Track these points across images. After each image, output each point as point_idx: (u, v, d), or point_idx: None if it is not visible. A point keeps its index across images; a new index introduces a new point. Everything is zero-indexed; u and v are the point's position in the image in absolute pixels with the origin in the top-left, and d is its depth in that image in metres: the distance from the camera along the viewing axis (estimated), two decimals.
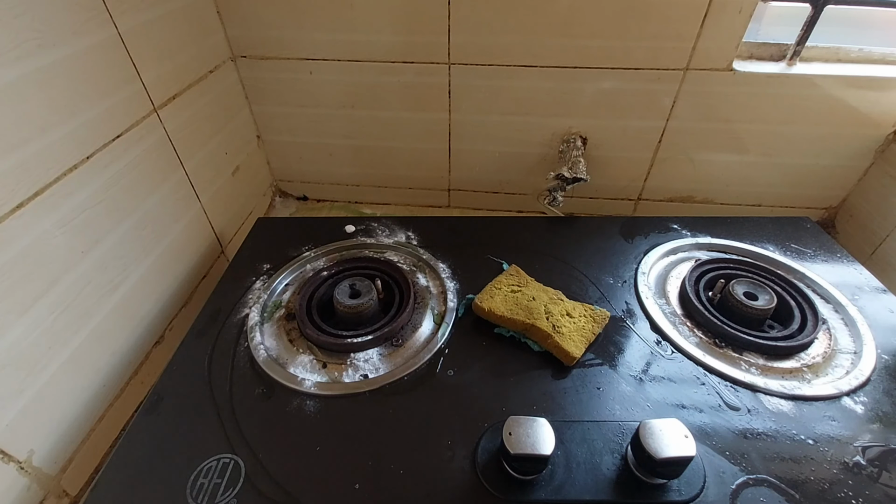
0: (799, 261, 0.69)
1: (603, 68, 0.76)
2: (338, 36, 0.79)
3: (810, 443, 0.47)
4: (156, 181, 0.65)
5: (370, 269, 0.67)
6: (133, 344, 0.63)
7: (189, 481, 0.44)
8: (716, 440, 0.47)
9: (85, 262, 0.54)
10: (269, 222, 0.80)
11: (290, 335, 0.59)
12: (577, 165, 0.80)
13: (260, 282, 0.67)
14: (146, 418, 0.50)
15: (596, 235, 0.75)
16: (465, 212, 0.99)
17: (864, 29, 0.77)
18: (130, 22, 0.58)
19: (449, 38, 0.76)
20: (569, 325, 0.56)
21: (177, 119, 0.68)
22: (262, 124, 0.93)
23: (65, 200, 0.51)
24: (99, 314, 0.57)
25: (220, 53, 0.80)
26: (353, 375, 0.54)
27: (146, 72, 0.61)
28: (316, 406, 0.51)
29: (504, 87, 0.81)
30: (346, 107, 0.87)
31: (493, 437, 0.47)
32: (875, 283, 0.65)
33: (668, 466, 0.41)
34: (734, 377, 0.53)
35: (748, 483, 0.44)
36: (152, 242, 0.65)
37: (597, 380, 0.53)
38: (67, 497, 0.53)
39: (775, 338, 0.57)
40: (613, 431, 0.47)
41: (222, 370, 0.55)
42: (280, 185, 1.03)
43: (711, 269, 0.67)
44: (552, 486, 0.43)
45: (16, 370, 0.47)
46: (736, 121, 0.79)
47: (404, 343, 0.58)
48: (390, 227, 0.76)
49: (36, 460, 0.49)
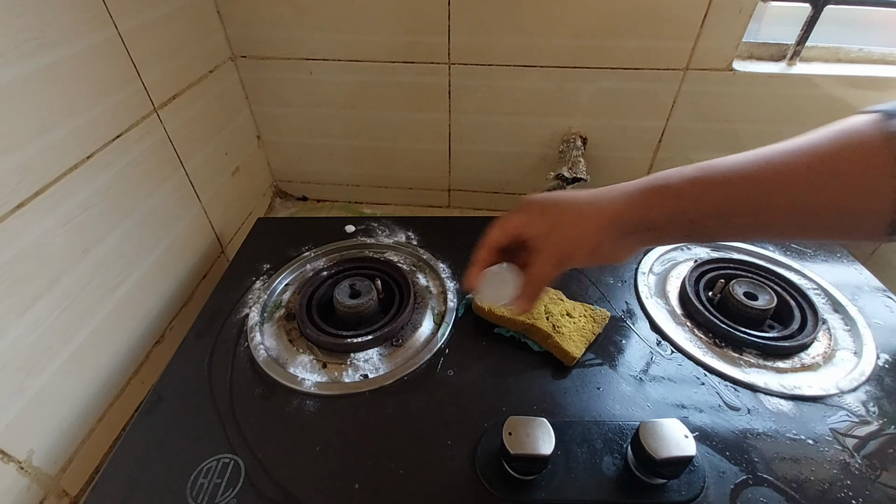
0: (799, 260, 0.69)
1: (603, 68, 0.76)
2: (338, 36, 0.79)
3: (810, 443, 0.47)
4: (156, 181, 0.65)
5: (370, 269, 0.67)
6: (133, 344, 0.63)
7: (189, 481, 0.44)
8: (716, 440, 0.47)
9: (85, 262, 0.54)
10: (269, 222, 0.80)
11: (290, 335, 0.59)
12: (577, 165, 0.80)
13: (260, 282, 0.67)
14: (146, 418, 0.50)
15: None
16: (465, 212, 0.99)
17: (864, 29, 0.77)
18: (131, 22, 0.58)
19: (449, 38, 0.76)
20: (569, 325, 0.56)
21: (177, 119, 0.68)
22: (263, 124, 0.93)
23: (65, 200, 0.51)
24: (99, 314, 0.57)
25: (221, 53, 0.80)
26: (353, 375, 0.54)
27: (146, 72, 0.61)
28: (316, 406, 0.51)
29: (504, 87, 0.81)
30: (346, 107, 0.87)
31: (493, 437, 0.47)
32: (875, 283, 0.65)
33: (668, 466, 0.41)
34: (734, 377, 0.53)
35: (748, 483, 0.44)
36: (152, 242, 0.65)
37: (597, 380, 0.53)
38: (67, 497, 0.53)
39: (775, 338, 0.57)
40: (613, 431, 0.47)
41: (222, 370, 0.55)
42: (280, 186, 1.03)
43: (711, 268, 0.66)
44: (552, 486, 0.43)
45: (16, 370, 0.47)
46: (736, 121, 0.79)
47: (404, 343, 0.58)
48: (390, 227, 0.76)
49: (36, 460, 0.49)
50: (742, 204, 0.35)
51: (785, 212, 0.34)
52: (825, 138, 0.33)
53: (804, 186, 0.33)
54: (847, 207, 0.32)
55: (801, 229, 0.35)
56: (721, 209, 0.35)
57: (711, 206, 0.35)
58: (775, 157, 0.34)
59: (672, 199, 0.36)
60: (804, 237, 0.36)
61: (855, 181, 0.31)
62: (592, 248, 0.39)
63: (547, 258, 0.40)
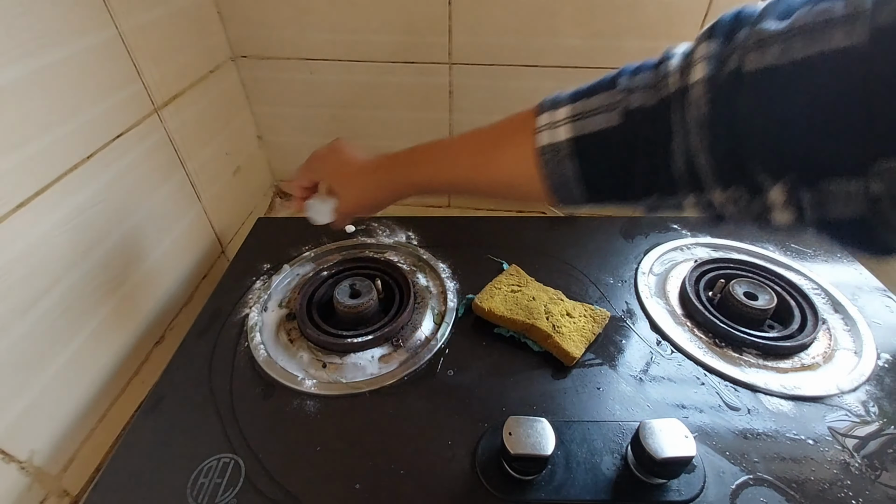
0: (799, 260, 0.69)
1: (603, 68, 0.75)
2: (338, 36, 0.79)
3: (810, 443, 0.47)
4: (156, 181, 0.65)
5: (370, 269, 0.67)
6: (133, 344, 0.63)
7: (189, 481, 0.44)
8: (716, 440, 0.47)
9: (86, 262, 0.54)
10: (269, 222, 0.80)
11: (291, 335, 0.59)
12: None
13: (260, 282, 0.67)
14: (146, 418, 0.50)
15: (596, 235, 0.75)
16: (465, 212, 0.99)
17: None
18: (131, 22, 0.58)
19: (450, 38, 0.76)
20: (569, 325, 0.56)
21: (178, 119, 0.68)
22: (263, 124, 0.93)
23: (66, 200, 0.51)
24: (99, 314, 0.57)
25: (221, 53, 0.80)
26: (353, 375, 0.54)
27: (147, 72, 0.61)
28: (316, 406, 0.51)
29: (505, 87, 0.81)
30: (347, 107, 0.87)
31: (493, 437, 0.47)
32: (875, 283, 0.65)
33: (668, 466, 0.41)
34: (734, 377, 0.53)
35: (748, 483, 0.44)
36: (153, 242, 0.65)
37: (597, 380, 0.53)
38: (68, 497, 0.53)
39: (775, 338, 0.57)
40: (613, 431, 0.47)
41: (222, 370, 0.55)
42: (281, 185, 1.03)
43: (711, 268, 0.67)
44: (552, 486, 0.43)
45: (16, 370, 0.47)
46: None
47: (404, 343, 0.58)
48: (390, 227, 0.76)
49: (37, 460, 0.50)
50: (450, 168, 0.45)
51: (472, 177, 0.43)
52: (508, 123, 0.42)
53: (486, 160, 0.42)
54: (510, 181, 0.41)
55: (483, 192, 0.44)
56: (437, 168, 0.47)
57: (432, 165, 0.47)
58: (478, 133, 0.44)
59: (405, 155, 0.49)
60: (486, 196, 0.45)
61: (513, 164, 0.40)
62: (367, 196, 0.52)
63: (344, 205, 0.52)
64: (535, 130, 0.38)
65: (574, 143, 0.35)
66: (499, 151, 0.41)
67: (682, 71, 0.31)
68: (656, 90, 0.32)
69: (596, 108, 0.35)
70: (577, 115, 0.36)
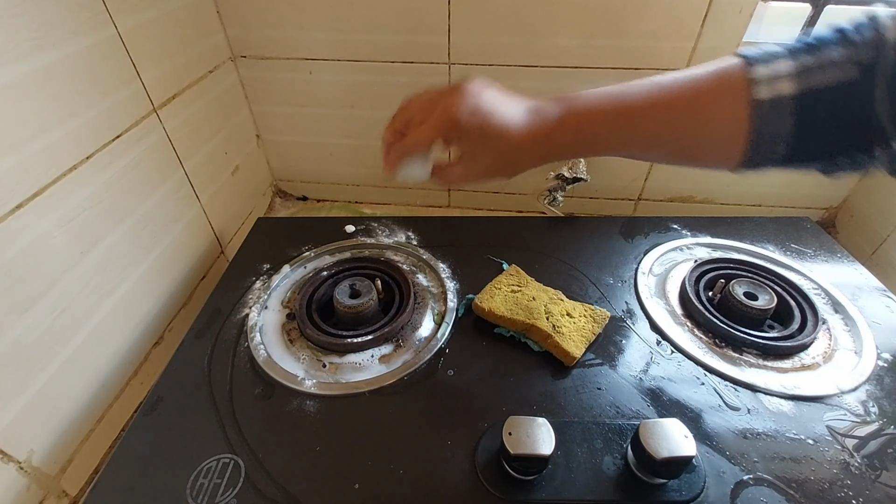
0: (799, 261, 0.69)
1: (603, 68, 0.76)
2: (338, 36, 0.79)
3: (810, 443, 0.47)
4: (155, 181, 0.65)
5: (370, 269, 0.67)
6: (133, 344, 0.63)
7: (189, 481, 0.44)
8: (716, 440, 0.47)
9: (85, 263, 0.54)
10: (269, 222, 0.80)
11: (290, 335, 0.59)
12: (577, 165, 0.79)
13: (260, 282, 0.66)
14: (146, 418, 0.50)
15: (596, 235, 0.75)
16: (465, 212, 0.99)
17: None
18: (130, 22, 0.58)
19: (449, 38, 0.76)
20: (569, 325, 0.56)
21: (176, 119, 0.68)
22: (262, 124, 0.93)
23: (64, 200, 0.51)
24: (98, 314, 0.57)
25: (220, 53, 0.80)
26: (352, 375, 0.54)
27: (146, 72, 0.61)
28: (316, 406, 0.51)
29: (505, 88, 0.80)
30: (346, 107, 0.87)
31: (493, 437, 0.47)
32: (875, 283, 0.65)
33: (668, 466, 0.41)
34: (734, 377, 0.53)
35: (748, 483, 0.44)
36: (152, 242, 0.65)
37: (597, 380, 0.53)
38: (67, 497, 0.53)
39: (775, 338, 0.57)
40: (613, 431, 0.47)
41: (222, 370, 0.55)
42: (280, 185, 1.03)
43: (711, 268, 0.67)
44: (552, 486, 0.43)
45: (16, 370, 0.47)
46: None
47: (404, 343, 0.58)
48: (390, 227, 0.76)
49: (36, 460, 0.49)
50: (639, 133, 0.40)
51: (667, 139, 0.40)
52: (703, 77, 0.38)
53: (683, 117, 0.39)
54: (708, 140, 0.38)
55: (672, 154, 0.41)
56: (622, 136, 0.41)
57: (615, 133, 0.41)
58: (665, 89, 0.39)
59: (587, 126, 0.41)
60: (671, 160, 0.43)
61: (717, 120, 0.37)
62: (511, 168, 0.44)
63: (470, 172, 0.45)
64: (751, 83, 0.35)
65: (800, 97, 0.34)
66: (697, 112, 0.38)
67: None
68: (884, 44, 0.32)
69: (827, 62, 0.34)
70: (803, 69, 0.34)
